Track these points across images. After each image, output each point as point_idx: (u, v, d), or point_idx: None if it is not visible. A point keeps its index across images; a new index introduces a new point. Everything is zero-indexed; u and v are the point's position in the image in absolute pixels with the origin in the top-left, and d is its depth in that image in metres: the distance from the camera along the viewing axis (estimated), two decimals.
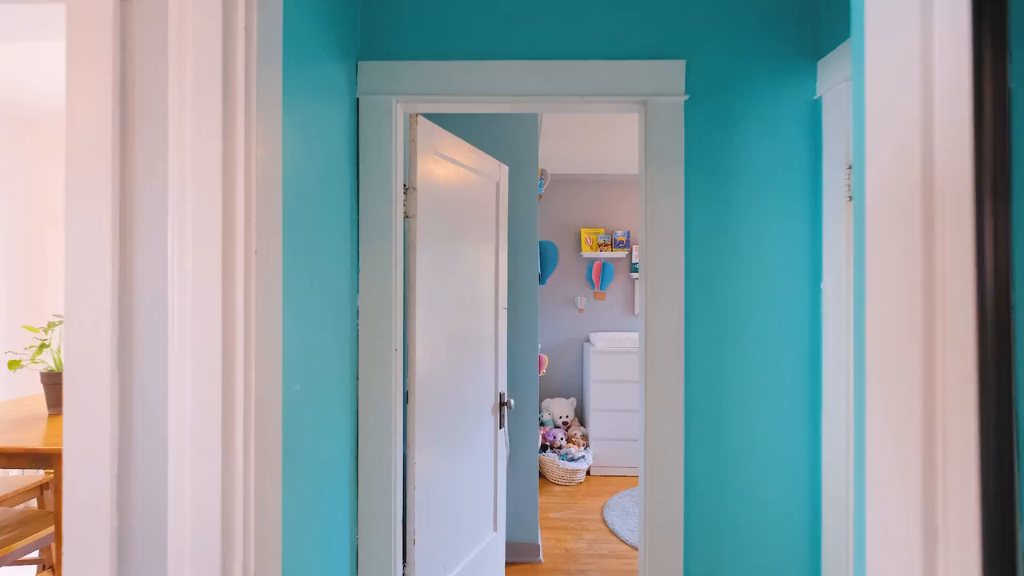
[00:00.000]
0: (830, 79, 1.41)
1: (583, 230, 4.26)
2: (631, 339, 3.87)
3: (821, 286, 1.48)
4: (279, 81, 0.97)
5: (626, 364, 3.75)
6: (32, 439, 1.60)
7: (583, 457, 3.57)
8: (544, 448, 3.71)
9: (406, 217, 1.60)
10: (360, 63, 1.48)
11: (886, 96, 0.60)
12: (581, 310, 4.31)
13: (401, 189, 1.55)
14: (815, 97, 1.48)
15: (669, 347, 1.46)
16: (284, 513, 1.02)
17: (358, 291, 1.47)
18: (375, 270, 1.48)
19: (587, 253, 4.22)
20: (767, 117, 1.49)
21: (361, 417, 1.47)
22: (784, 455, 1.49)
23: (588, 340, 4.26)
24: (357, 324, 1.47)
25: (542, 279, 3.49)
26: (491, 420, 2.09)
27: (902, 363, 0.57)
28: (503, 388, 2.16)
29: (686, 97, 1.46)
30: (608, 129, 3.11)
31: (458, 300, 1.85)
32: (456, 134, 2.14)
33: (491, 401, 2.09)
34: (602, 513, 3.04)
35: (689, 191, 1.48)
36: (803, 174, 1.49)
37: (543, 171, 2.85)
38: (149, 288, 0.86)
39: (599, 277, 4.23)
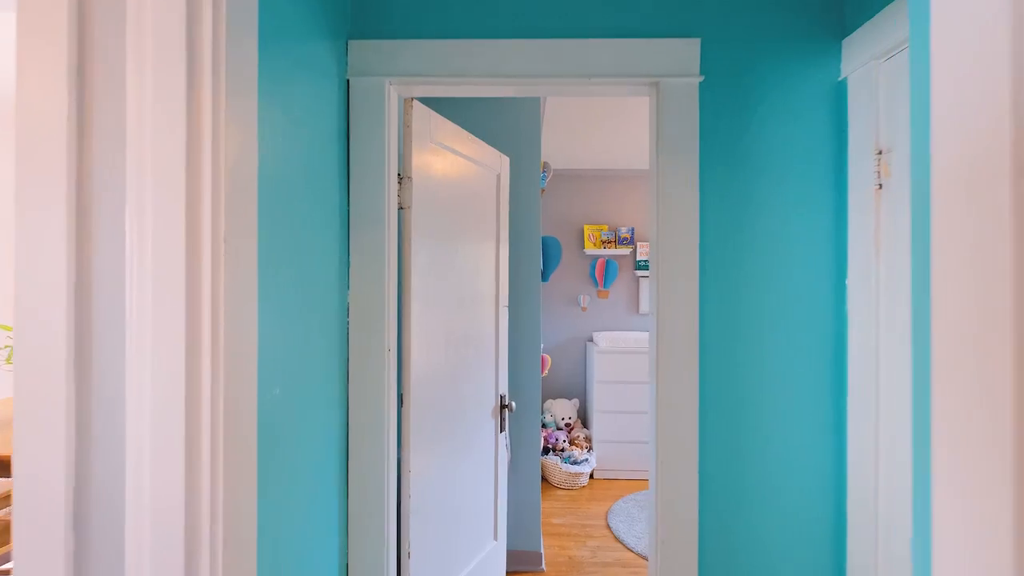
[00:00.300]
0: (857, 58, 1.31)
1: (586, 227, 4.15)
2: (636, 338, 3.77)
3: (846, 282, 1.38)
4: (254, 61, 0.87)
5: (631, 364, 3.65)
6: (1, 444, 1.51)
7: (586, 460, 3.47)
8: (546, 451, 3.61)
9: (400, 208, 1.50)
10: (351, 42, 1.38)
11: (961, 46, 0.49)
12: (584, 309, 4.21)
13: (395, 178, 1.45)
14: (839, 79, 1.38)
15: (683, 345, 1.36)
16: (260, 528, 0.92)
17: (348, 287, 1.38)
18: (367, 264, 1.38)
19: (590, 250, 4.12)
20: (787, 100, 1.39)
21: (352, 421, 1.37)
22: (806, 458, 1.39)
23: (591, 340, 4.16)
24: (347, 322, 1.37)
25: (544, 276, 3.39)
26: (491, 423, 2.00)
27: (982, 368, 0.48)
28: (504, 390, 2.06)
29: (701, 78, 1.36)
30: (612, 119, 3.01)
31: (457, 297, 1.76)
32: (454, 122, 2.04)
33: (491, 403, 1.99)
34: (606, 519, 2.94)
35: (704, 180, 1.38)
36: (826, 162, 1.39)
37: (546, 164, 2.75)
38: (109, 283, 0.77)
39: (603, 275, 4.13)
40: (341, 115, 1.36)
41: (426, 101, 2.08)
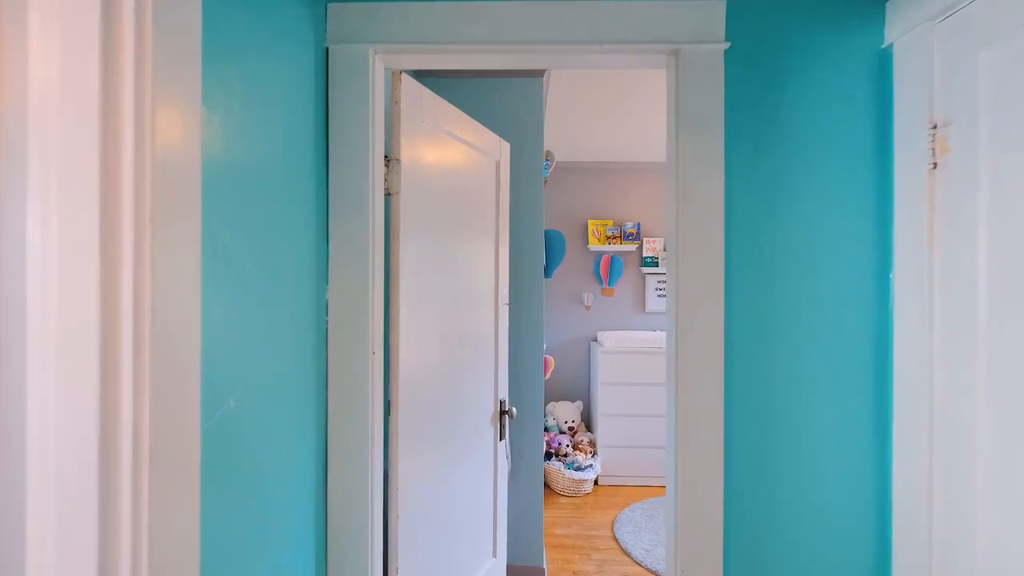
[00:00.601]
0: (904, 22, 1.15)
1: (590, 221, 4.00)
2: (642, 338, 3.61)
3: (890, 275, 1.22)
4: (196, 22, 0.72)
5: (637, 365, 3.49)
6: None
7: (591, 466, 3.31)
8: (548, 456, 3.46)
9: (388, 195, 1.34)
10: (330, 5, 1.22)
11: None
12: (588, 307, 4.06)
13: (381, 161, 1.30)
14: (883, 46, 1.22)
15: (706, 346, 1.20)
16: (208, 566, 0.77)
17: (327, 282, 1.22)
18: (348, 256, 1.22)
19: (594, 246, 3.96)
20: (822, 71, 1.23)
21: (331, 434, 1.21)
22: (845, 469, 1.23)
23: (595, 339, 4.01)
24: (326, 322, 1.22)
25: (548, 272, 3.23)
26: (490, 431, 1.84)
27: None
28: (504, 394, 1.91)
29: (726, 45, 1.20)
30: (618, 106, 2.85)
31: (451, 294, 1.60)
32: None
33: (490, 409, 1.84)
34: (612, 529, 2.79)
35: (730, 162, 1.22)
36: (867, 139, 1.23)
37: (549, 153, 2.59)
38: (16, 275, 0.61)
39: (607, 272, 3.97)
40: (319, 88, 1.20)
41: (418, 79, 1.92)
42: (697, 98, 1.21)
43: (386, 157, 1.33)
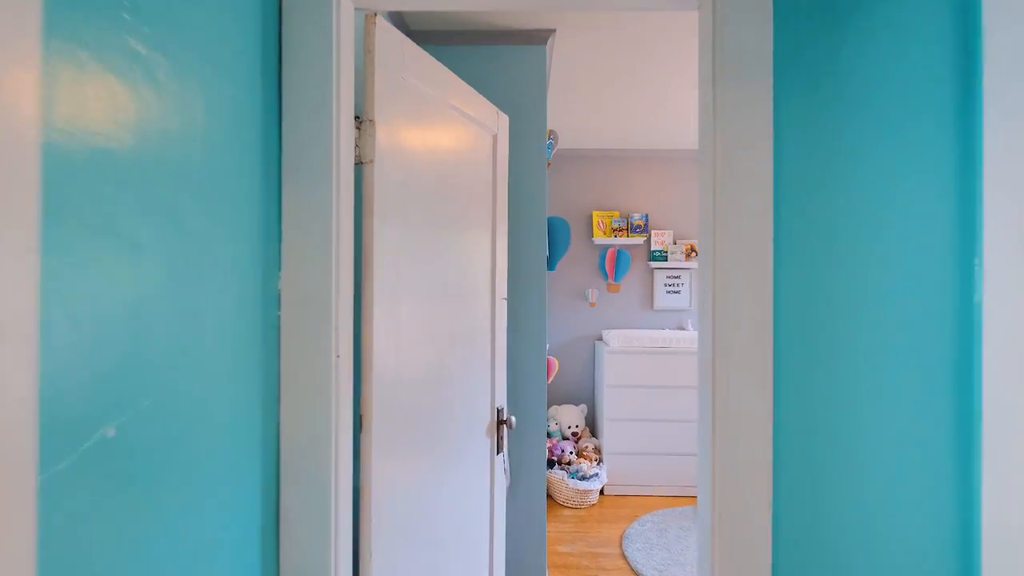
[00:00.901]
0: None
1: (595, 213, 3.76)
2: (651, 337, 3.38)
3: (974, 260, 0.98)
4: None
5: (645, 366, 3.26)
6: None
7: (596, 475, 3.08)
8: (550, 464, 3.23)
9: (360, 164, 1.11)
10: None
11: None
12: (592, 304, 3.82)
13: (350, 122, 1.06)
14: None
15: (750, 347, 0.98)
16: None
17: (279, 268, 0.99)
18: (306, 237, 0.99)
19: (599, 239, 3.73)
20: (892, 5, 1.00)
21: (284, 460, 0.98)
22: (919, 492, 1.00)
23: (601, 339, 3.78)
24: (278, 317, 0.99)
25: (551, 264, 2.99)
26: (486, 444, 1.61)
27: None
28: (502, 402, 1.68)
29: None
30: (626, 78, 2.60)
31: (440, 286, 1.37)
32: None
33: (486, 419, 1.61)
34: (621, 545, 2.56)
35: (779, 117, 0.99)
36: (946, 90, 0.99)
37: (552, 132, 2.35)
38: None
39: (613, 266, 3.73)
40: (269, 29, 0.97)
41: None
42: (739, 38, 0.97)
43: (357, 118, 1.10)
